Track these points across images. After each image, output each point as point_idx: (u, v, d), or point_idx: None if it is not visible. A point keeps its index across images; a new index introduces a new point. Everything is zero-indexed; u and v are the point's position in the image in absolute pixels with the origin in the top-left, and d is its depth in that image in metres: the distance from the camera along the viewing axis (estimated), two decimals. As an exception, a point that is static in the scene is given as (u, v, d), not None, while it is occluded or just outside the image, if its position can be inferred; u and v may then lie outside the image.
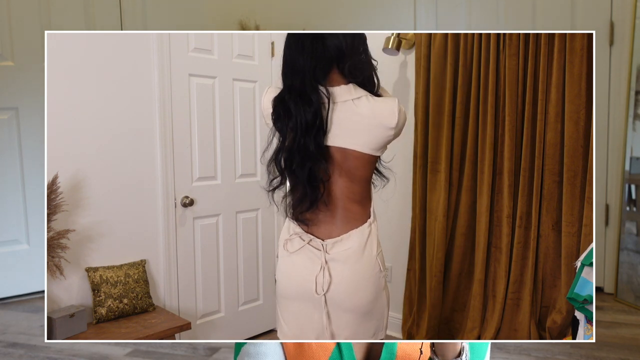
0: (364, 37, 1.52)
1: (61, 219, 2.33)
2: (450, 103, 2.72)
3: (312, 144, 1.42)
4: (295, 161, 1.45)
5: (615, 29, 2.96)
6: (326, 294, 1.48)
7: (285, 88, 1.48)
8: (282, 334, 1.60)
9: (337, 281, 1.47)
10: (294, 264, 1.54)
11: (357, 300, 1.48)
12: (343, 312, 1.49)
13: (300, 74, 1.44)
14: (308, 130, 1.42)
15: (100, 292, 2.37)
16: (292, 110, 1.44)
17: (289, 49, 1.47)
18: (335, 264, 1.48)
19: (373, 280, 1.49)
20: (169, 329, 2.34)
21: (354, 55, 1.48)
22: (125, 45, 2.53)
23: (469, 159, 2.72)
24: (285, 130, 1.46)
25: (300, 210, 1.49)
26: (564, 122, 2.46)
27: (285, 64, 1.48)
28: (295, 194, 1.51)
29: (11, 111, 3.11)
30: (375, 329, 1.52)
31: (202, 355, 2.59)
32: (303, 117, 1.42)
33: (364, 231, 1.49)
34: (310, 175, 1.45)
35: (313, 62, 1.43)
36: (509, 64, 2.54)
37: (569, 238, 2.49)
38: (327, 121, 1.44)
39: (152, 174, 2.66)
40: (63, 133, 2.35)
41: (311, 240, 1.50)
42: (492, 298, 2.71)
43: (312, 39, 1.44)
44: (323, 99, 1.44)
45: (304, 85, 1.43)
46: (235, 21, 3.15)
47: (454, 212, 2.80)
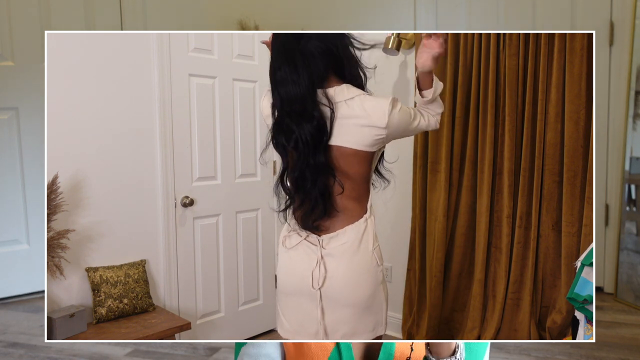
0: (345, 35, 1.51)
1: (61, 219, 2.33)
2: (450, 103, 2.72)
3: (322, 157, 1.43)
4: (307, 179, 1.44)
5: (615, 29, 2.96)
6: (321, 288, 1.49)
7: (284, 113, 1.44)
8: (282, 330, 1.61)
9: (332, 275, 1.48)
10: (291, 259, 1.55)
11: (354, 295, 1.48)
12: (341, 307, 1.49)
13: (299, 99, 1.41)
14: (316, 148, 1.42)
15: (100, 292, 2.37)
16: (295, 131, 1.42)
17: (280, 71, 1.43)
18: (331, 259, 1.49)
19: (370, 274, 1.50)
20: (169, 329, 2.34)
21: (343, 55, 1.48)
22: (125, 45, 2.53)
23: (469, 159, 2.72)
24: (287, 153, 1.47)
25: (313, 218, 1.49)
26: (564, 122, 2.46)
27: (278, 93, 1.44)
28: (305, 206, 1.49)
29: (11, 111, 3.11)
30: (374, 324, 1.53)
31: (202, 355, 2.59)
32: (309, 135, 1.41)
33: (360, 226, 1.50)
34: (323, 189, 1.45)
35: (312, 76, 1.42)
36: (509, 64, 2.54)
37: (569, 238, 2.49)
38: (331, 130, 1.43)
39: (152, 174, 2.66)
40: (63, 133, 2.35)
41: (308, 235, 1.52)
42: (492, 298, 2.71)
43: (302, 54, 1.41)
44: (326, 112, 1.43)
45: (304, 107, 1.41)
46: (235, 21, 3.15)
47: (454, 212, 2.80)
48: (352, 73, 1.50)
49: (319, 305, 1.50)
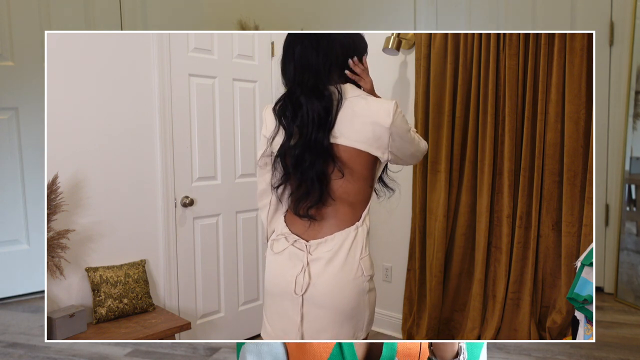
0: (364, 39, 1.56)
1: (61, 219, 2.33)
2: (450, 103, 2.72)
3: (325, 140, 1.42)
4: (306, 159, 1.44)
5: (615, 29, 2.96)
6: (304, 294, 1.47)
7: (296, 85, 1.46)
8: (265, 334, 1.60)
9: (316, 282, 1.47)
10: (278, 263, 1.54)
11: (336, 303, 1.46)
12: (322, 315, 1.47)
13: (314, 71, 1.44)
14: (320, 127, 1.42)
15: (100, 292, 2.37)
16: (304, 104, 1.42)
17: (301, 45, 1.46)
18: (317, 266, 1.47)
19: (354, 284, 1.47)
20: (169, 329, 2.34)
21: (359, 55, 1.51)
22: (125, 45, 2.53)
23: (469, 159, 2.72)
24: (292, 128, 1.45)
25: (307, 205, 1.47)
26: (564, 122, 2.46)
27: (294, 60, 1.46)
28: (300, 190, 1.49)
29: (11, 111, 3.11)
30: (354, 330, 1.50)
31: (202, 355, 2.59)
32: (315, 113, 1.41)
33: (350, 234, 1.48)
34: (320, 172, 1.44)
35: (328, 60, 1.44)
36: (509, 64, 2.54)
37: (569, 238, 2.49)
38: (335, 118, 1.44)
39: (152, 174, 2.66)
40: (63, 133, 2.35)
41: (295, 241, 1.51)
42: (492, 298, 2.71)
43: (326, 38, 1.45)
44: (335, 95, 1.44)
45: (316, 82, 1.43)
46: (235, 21, 3.15)
47: (454, 212, 2.80)
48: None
49: (300, 311, 1.48)
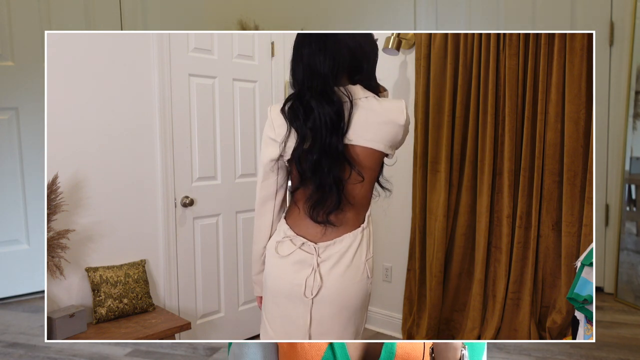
0: (375, 41, 1.52)
1: (61, 219, 2.33)
2: (450, 103, 2.72)
3: (340, 144, 1.40)
4: (324, 164, 1.41)
5: (615, 29, 2.96)
6: (315, 297, 1.47)
7: (304, 88, 1.43)
8: (266, 336, 1.59)
9: (326, 284, 1.47)
10: (284, 266, 1.52)
11: (343, 303, 1.47)
12: (330, 316, 1.48)
13: (321, 76, 1.41)
14: (334, 131, 1.40)
15: (100, 292, 2.37)
16: (315, 108, 1.40)
17: (308, 48, 1.43)
18: (327, 268, 1.47)
19: (361, 285, 1.49)
20: (169, 329, 2.34)
21: (369, 58, 1.48)
22: (125, 45, 2.53)
23: (469, 159, 2.72)
24: (305, 130, 1.42)
25: (326, 211, 1.45)
26: (564, 122, 2.46)
27: (302, 65, 1.44)
28: (318, 195, 1.46)
29: (11, 111, 3.11)
30: (355, 333, 1.52)
31: (202, 355, 2.59)
32: (327, 117, 1.39)
33: (357, 236, 1.48)
34: (337, 178, 1.42)
35: (335, 64, 1.41)
36: (509, 64, 2.54)
37: (569, 238, 2.49)
38: (349, 121, 1.42)
39: (152, 174, 2.66)
40: (63, 133, 2.35)
41: (303, 244, 1.49)
42: (492, 298, 2.71)
43: (332, 40, 1.42)
44: (344, 99, 1.42)
45: (325, 88, 1.41)
46: (235, 21, 3.15)
47: (454, 212, 2.80)
48: (367, 79, 1.50)
49: (309, 313, 1.48)
